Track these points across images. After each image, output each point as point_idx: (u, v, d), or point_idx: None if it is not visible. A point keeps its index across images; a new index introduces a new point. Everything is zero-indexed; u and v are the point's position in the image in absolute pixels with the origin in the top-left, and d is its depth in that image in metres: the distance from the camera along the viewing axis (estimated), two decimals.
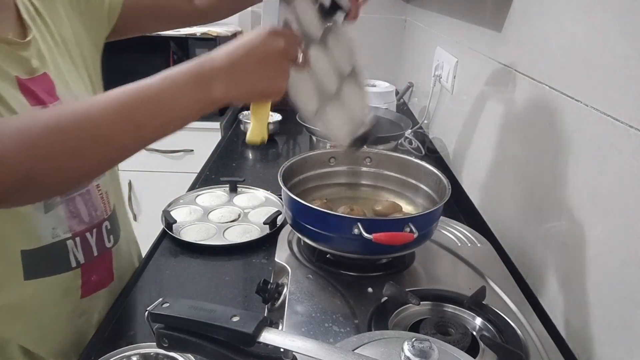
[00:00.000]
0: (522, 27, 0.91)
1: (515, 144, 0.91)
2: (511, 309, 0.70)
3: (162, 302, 0.47)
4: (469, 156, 1.20)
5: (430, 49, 1.66)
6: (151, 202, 2.06)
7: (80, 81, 0.82)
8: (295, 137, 1.75)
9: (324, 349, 0.43)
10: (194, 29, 1.92)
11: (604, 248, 0.62)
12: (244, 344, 0.45)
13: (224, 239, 0.99)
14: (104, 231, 0.81)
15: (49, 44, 0.75)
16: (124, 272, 0.89)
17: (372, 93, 1.62)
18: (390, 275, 0.79)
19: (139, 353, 0.66)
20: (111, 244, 0.83)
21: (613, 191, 0.61)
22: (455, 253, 0.85)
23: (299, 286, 0.74)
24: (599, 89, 0.65)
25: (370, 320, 0.67)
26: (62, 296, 0.75)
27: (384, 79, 1.81)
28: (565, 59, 0.74)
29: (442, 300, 0.70)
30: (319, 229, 0.75)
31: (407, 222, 0.71)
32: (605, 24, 0.64)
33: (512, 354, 0.59)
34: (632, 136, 0.57)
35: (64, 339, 0.77)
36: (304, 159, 0.94)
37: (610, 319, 0.60)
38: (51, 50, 0.75)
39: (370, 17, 2.24)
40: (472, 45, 1.21)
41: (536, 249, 0.81)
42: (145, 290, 0.86)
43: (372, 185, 0.99)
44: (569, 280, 0.70)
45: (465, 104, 1.25)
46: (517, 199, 0.89)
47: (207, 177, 1.34)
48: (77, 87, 0.79)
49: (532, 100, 0.85)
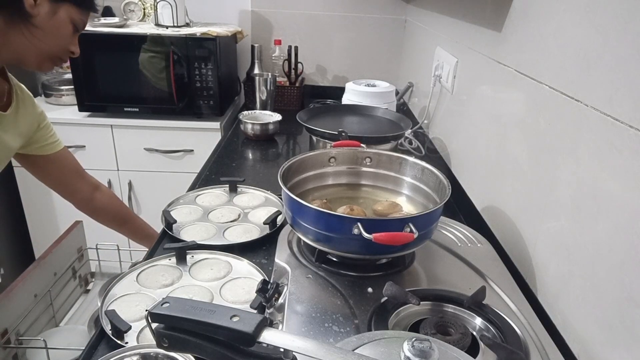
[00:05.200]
0: (522, 27, 0.91)
1: (515, 144, 0.91)
2: (511, 309, 0.70)
3: (162, 302, 0.47)
4: (469, 156, 1.20)
5: (430, 49, 1.66)
6: (151, 202, 2.06)
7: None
8: (295, 137, 1.75)
9: (324, 349, 0.43)
10: (193, 29, 1.92)
11: (604, 248, 0.62)
12: (244, 344, 0.45)
13: (224, 239, 0.99)
14: None
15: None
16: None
17: (372, 93, 1.62)
18: (390, 275, 0.79)
19: (139, 353, 0.66)
20: None
21: (613, 191, 0.61)
22: (455, 253, 0.85)
23: (299, 286, 0.74)
24: (599, 89, 0.65)
25: (370, 320, 0.67)
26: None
27: (384, 79, 1.82)
28: (565, 59, 0.74)
29: (442, 300, 0.70)
30: (319, 229, 0.75)
31: (407, 222, 0.72)
32: (605, 24, 0.64)
33: (512, 354, 0.59)
34: (632, 136, 0.57)
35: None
36: (304, 159, 0.94)
37: (610, 319, 0.60)
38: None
39: (370, 17, 2.25)
40: (472, 45, 1.21)
41: (536, 249, 0.81)
42: None
43: (372, 185, 0.99)
44: (569, 280, 0.70)
45: (465, 104, 1.25)
46: (517, 199, 0.89)
47: (207, 177, 1.34)
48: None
49: (532, 100, 0.85)
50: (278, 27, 2.27)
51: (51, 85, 2.08)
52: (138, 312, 0.76)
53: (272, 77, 1.94)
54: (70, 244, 1.36)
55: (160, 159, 2.00)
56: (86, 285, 1.45)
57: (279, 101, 2.08)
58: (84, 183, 1.19)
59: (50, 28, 0.86)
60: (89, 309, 1.32)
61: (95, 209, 1.23)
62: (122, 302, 0.79)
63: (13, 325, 1.08)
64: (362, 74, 2.27)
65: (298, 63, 2.12)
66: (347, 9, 2.23)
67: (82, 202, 1.21)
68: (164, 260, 0.90)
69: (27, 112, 1.00)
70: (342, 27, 2.27)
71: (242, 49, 2.26)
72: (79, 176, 1.18)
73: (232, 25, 2.17)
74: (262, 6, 2.24)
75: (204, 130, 1.96)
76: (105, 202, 1.24)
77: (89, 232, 1.46)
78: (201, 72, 1.87)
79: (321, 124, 1.36)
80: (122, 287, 0.82)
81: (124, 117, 1.94)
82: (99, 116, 1.95)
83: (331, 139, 1.26)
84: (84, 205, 1.22)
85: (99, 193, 1.22)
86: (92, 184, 1.21)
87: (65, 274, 1.32)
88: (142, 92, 1.92)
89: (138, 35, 1.84)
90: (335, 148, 0.99)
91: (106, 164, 1.98)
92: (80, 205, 1.22)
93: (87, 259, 1.46)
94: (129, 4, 2.14)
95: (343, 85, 1.71)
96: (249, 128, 1.65)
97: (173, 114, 1.94)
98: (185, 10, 1.98)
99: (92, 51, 1.85)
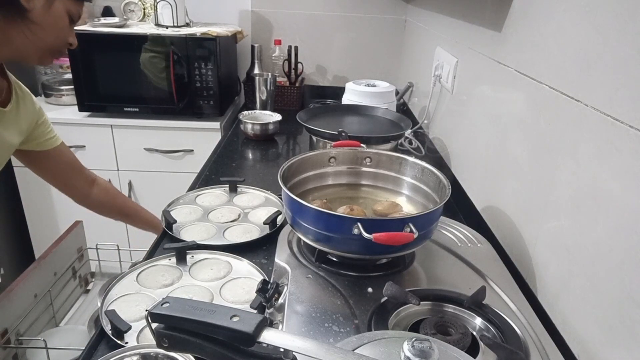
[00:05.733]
0: (522, 27, 0.91)
1: (515, 144, 0.91)
2: (511, 309, 0.70)
3: (162, 302, 0.47)
4: (469, 156, 1.20)
5: (430, 49, 1.66)
6: (151, 202, 2.06)
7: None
8: (295, 137, 1.75)
9: (324, 349, 0.43)
10: (193, 29, 1.92)
11: (604, 248, 0.62)
12: (244, 344, 0.45)
13: (224, 239, 0.99)
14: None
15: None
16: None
17: (372, 93, 1.62)
18: (390, 275, 0.79)
19: (139, 353, 0.66)
20: None
21: (613, 191, 0.61)
22: (455, 253, 0.85)
23: (299, 286, 0.74)
24: (599, 89, 0.65)
25: (370, 320, 0.67)
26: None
27: (384, 79, 1.82)
28: (565, 59, 0.74)
29: (442, 300, 0.70)
30: (319, 229, 0.75)
31: (407, 222, 0.72)
32: (605, 24, 0.64)
33: (512, 354, 0.59)
34: (632, 136, 0.57)
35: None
36: (304, 159, 0.94)
37: (610, 319, 0.60)
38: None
39: (370, 17, 2.25)
40: (472, 45, 1.21)
41: (536, 249, 0.81)
42: None
43: (372, 185, 0.99)
44: (568, 280, 0.70)
45: (465, 104, 1.25)
46: (517, 199, 0.89)
47: (207, 177, 1.34)
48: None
49: (532, 100, 0.85)
50: (278, 27, 2.27)
51: (51, 85, 2.08)
52: (138, 312, 0.76)
53: (272, 77, 1.94)
54: (70, 244, 1.36)
55: (160, 159, 2.00)
56: (86, 285, 1.45)
57: (279, 101, 2.08)
58: (81, 178, 1.19)
59: (47, 21, 0.86)
60: (89, 309, 1.32)
61: (95, 203, 1.23)
62: (122, 302, 0.79)
63: (13, 325, 1.08)
64: (362, 74, 2.27)
65: (298, 63, 2.12)
66: (347, 9, 2.23)
67: (81, 197, 1.21)
68: (164, 260, 0.90)
69: (28, 109, 1.00)
70: (342, 27, 2.27)
71: (242, 49, 2.26)
72: (77, 171, 1.18)
73: (232, 25, 2.17)
74: (262, 6, 2.24)
75: (204, 130, 1.96)
76: (104, 196, 1.24)
77: (89, 232, 1.46)
78: (201, 72, 1.87)
79: (321, 124, 1.36)
80: (122, 287, 0.82)
81: (124, 117, 1.94)
82: (99, 116, 1.95)
83: (331, 139, 1.26)
84: (83, 200, 1.22)
85: (96, 187, 1.22)
86: (91, 178, 1.22)
87: (65, 274, 1.32)
88: (142, 92, 1.92)
89: (138, 35, 1.84)
90: (335, 148, 0.99)
91: (106, 164, 1.98)
92: (79, 200, 1.22)
93: (87, 259, 1.46)
94: (129, 4, 2.14)
95: (343, 85, 1.71)
96: (249, 128, 1.65)
97: (173, 114, 1.94)
98: (185, 10, 1.97)
99: (92, 51, 1.85)
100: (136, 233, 1.33)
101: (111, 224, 1.39)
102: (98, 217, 1.28)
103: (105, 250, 1.40)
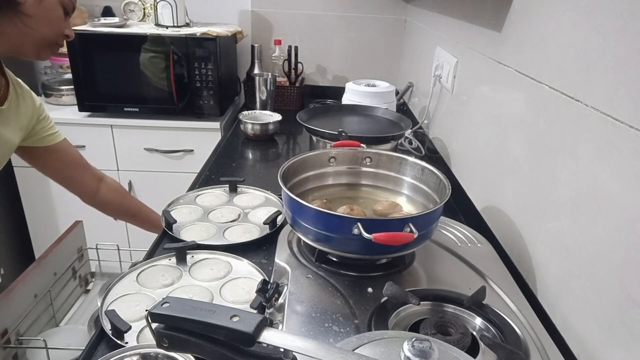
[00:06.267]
0: (522, 27, 0.91)
1: (515, 144, 0.91)
2: (511, 309, 0.70)
3: (162, 302, 0.47)
4: (469, 156, 1.20)
5: (430, 49, 1.66)
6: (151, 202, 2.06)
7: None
8: (295, 137, 1.75)
9: (324, 349, 0.43)
10: (193, 29, 1.92)
11: (604, 248, 0.62)
12: (244, 344, 0.45)
13: (224, 239, 0.99)
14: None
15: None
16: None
17: (372, 93, 1.62)
18: (390, 275, 0.79)
19: (139, 353, 0.66)
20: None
21: (613, 191, 0.61)
22: (455, 253, 0.85)
23: (299, 286, 0.74)
24: (599, 89, 0.65)
25: (370, 320, 0.67)
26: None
27: (384, 79, 1.82)
28: (565, 59, 0.74)
29: (442, 300, 0.70)
30: (319, 229, 0.75)
31: (407, 222, 0.72)
32: (605, 24, 0.64)
33: (512, 354, 0.59)
34: (632, 136, 0.57)
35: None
36: (304, 159, 0.94)
37: (610, 319, 0.60)
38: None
39: (370, 17, 2.25)
40: (472, 45, 1.21)
41: (536, 249, 0.81)
42: None
43: (372, 185, 0.99)
44: (569, 280, 0.70)
45: (465, 104, 1.25)
46: (517, 199, 0.89)
47: (207, 177, 1.34)
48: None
49: (532, 100, 0.85)
50: (278, 27, 2.27)
51: (51, 85, 2.08)
52: (138, 312, 0.76)
53: (272, 77, 1.94)
54: (70, 244, 1.36)
55: (160, 159, 2.00)
56: (86, 285, 1.45)
57: (279, 101, 2.08)
58: (88, 175, 1.18)
59: (40, 14, 0.86)
60: (89, 309, 1.32)
61: (103, 201, 1.22)
62: (122, 302, 0.79)
63: (13, 325, 1.08)
64: (362, 74, 2.27)
65: (298, 63, 2.12)
66: (347, 9, 2.23)
67: (88, 194, 1.20)
68: (164, 260, 0.90)
69: (27, 106, 1.00)
70: (342, 27, 2.27)
71: (242, 49, 2.26)
72: (82, 168, 1.17)
73: (232, 25, 2.17)
74: (262, 6, 2.24)
75: (204, 130, 1.96)
76: (111, 194, 1.23)
77: (89, 232, 1.46)
78: (201, 72, 1.87)
79: (321, 124, 1.36)
80: (122, 287, 0.82)
81: (124, 117, 1.94)
82: (99, 116, 1.95)
83: (331, 139, 1.26)
84: (91, 198, 1.20)
85: (104, 185, 1.21)
86: (97, 176, 1.21)
87: (65, 274, 1.32)
88: (142, 92, 1.92)
89: (138, 35, 1.84)
90: (335, 148, 0.99)
91: (106, 164, 1.98)
92: (86, 197, 1.20)
93: (87, 259, 1.46)
94: (129, 4, 2.14)
95: (343, 85, 1.71)
96: (249, 128, 1.65)
97: (173, 114, 1.94)
98: (185, 10, 1.98)
99: (92, 51, 1.85)
100: (136, 233, 1.33)
101: (111, 224, 1.39)
102: (98, 218, 1.28)
103: (105, 250, 1.40)
